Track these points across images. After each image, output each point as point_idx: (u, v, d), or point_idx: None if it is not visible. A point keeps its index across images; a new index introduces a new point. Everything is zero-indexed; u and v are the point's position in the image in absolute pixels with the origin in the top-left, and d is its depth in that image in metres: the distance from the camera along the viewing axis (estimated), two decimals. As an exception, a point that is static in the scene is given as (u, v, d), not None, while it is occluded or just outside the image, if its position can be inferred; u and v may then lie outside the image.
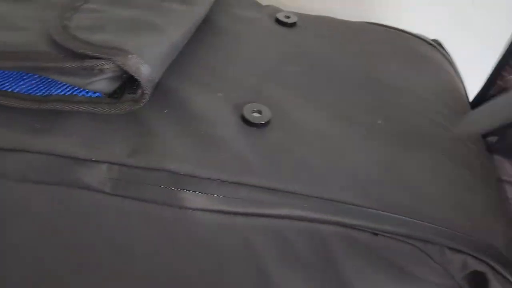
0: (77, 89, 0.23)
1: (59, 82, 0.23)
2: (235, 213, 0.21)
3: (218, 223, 0.22)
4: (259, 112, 0.25)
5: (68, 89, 0.23)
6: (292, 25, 0.35)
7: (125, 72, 0.22)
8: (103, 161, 0.22)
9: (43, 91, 0.24)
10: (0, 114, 0.24)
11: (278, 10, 0.37)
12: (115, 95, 0.23)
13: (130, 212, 0.22)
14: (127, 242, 0.23)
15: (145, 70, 0.22)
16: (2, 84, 0.24)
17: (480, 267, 0.21)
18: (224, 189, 0.22)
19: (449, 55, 0.41)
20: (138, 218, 0.22)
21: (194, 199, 0.21)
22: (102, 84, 0.23)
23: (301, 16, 0.37)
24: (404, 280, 0.22)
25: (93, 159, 0.22)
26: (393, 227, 0.21)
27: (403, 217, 0.21)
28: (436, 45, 0.39)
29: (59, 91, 0.24)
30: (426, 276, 0.22)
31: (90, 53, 0.22)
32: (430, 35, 0.41)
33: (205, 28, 0.31)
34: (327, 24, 0.37)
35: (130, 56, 0.22)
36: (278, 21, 0.35)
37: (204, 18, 0.31)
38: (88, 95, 0.23)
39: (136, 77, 0.22)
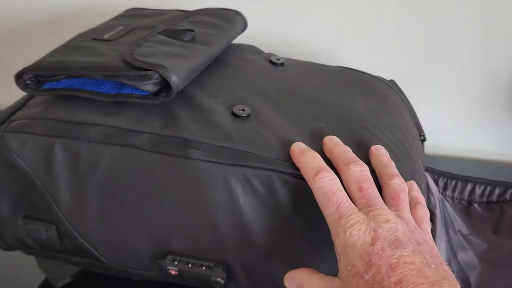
0: (134, 89, 0.39)
1: (124, 85, 0.40)
2: (219, 163, 0.36)
3: (209, 168, 0.36)
4: (243, 110, 0.40)
5: (129, 89, 0.40)
6: (281, 65, 0.51)
7: (163, 79, 0.38)
8: (145, 132, 0.38)
9: (114, 91, 0.40)
10: (88, 104, 0.40)
11: (274, 55, 0.53)
12: (155, 93, 0.39)
13: (160, 161, 0.37)
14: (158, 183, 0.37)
15: (174, 78, 0.38)
16: (90, 86, 0.40)
17: None
18: (214, 149, 0.36)
19: (401, 92, 0.55)
20: (163, 164, 0.37)
21: (195, 152, 0.36)
22: (149, 86, 0.39)
23: (290, 60, 0.53)
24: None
25: (140, 130, 0.38)
26: None
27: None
28: (390, 84, 0.54)
29: (124, 91, 0.40)
30: None
31: (144, 67, 0.38)
32: (387, 77, 0.55)
33: (218, 63, 0.47)
34: (307, 65, 0.52)
35: (166, 70, 0.38)
36: (271, 62, 0.50)
37: (218, 57, 0.47)
38: (141, 93, 0.39)
39: (168, 82, 0.38)
